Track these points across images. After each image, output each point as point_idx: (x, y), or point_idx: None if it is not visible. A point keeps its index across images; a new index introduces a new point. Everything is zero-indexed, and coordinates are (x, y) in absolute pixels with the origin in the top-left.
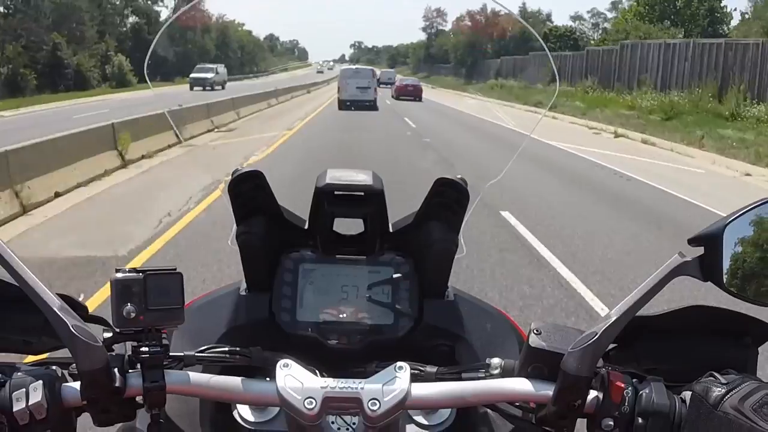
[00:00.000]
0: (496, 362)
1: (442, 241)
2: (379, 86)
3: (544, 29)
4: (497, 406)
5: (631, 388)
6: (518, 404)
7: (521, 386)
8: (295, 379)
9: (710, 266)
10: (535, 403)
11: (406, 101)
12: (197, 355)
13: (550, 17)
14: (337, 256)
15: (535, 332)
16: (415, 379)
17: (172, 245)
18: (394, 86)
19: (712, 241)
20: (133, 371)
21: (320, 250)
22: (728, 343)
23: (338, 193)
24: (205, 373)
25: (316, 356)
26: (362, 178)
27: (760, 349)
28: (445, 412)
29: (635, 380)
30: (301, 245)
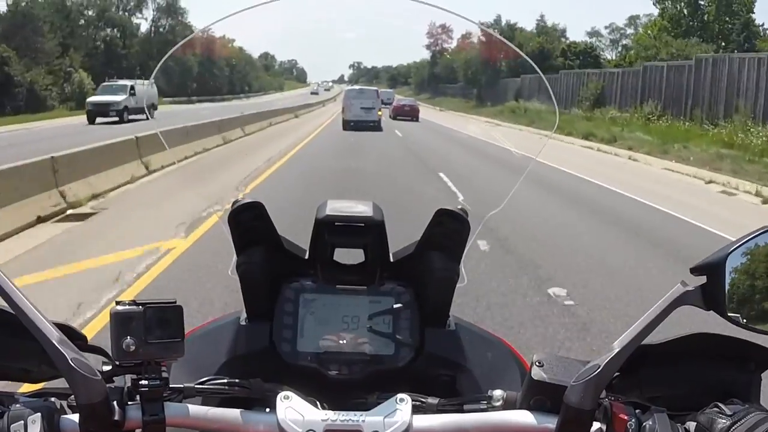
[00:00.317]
0: (498, 394)
1: (443, 270)
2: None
3: (561, 45)
4: None
5: (634, 419)
6: None
7: (523, 419)
8: (295, 411)
9: (713, 295)
10: None
11: (403, 121)
12: (197, 387)
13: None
14: (337, 286)
15: (537, 364)
16: (416, 410)
17: None
18: (391, 106)
19: (714, 270)
20: (132, 404)
21: (321, 279)
22: (732, 369)
23: (338, 224)
24: (205, 404)
25: (316, 386)
26: (362, 209)
27: (763, 375)
28: None
29: (638, 411)
30: (301, 275)
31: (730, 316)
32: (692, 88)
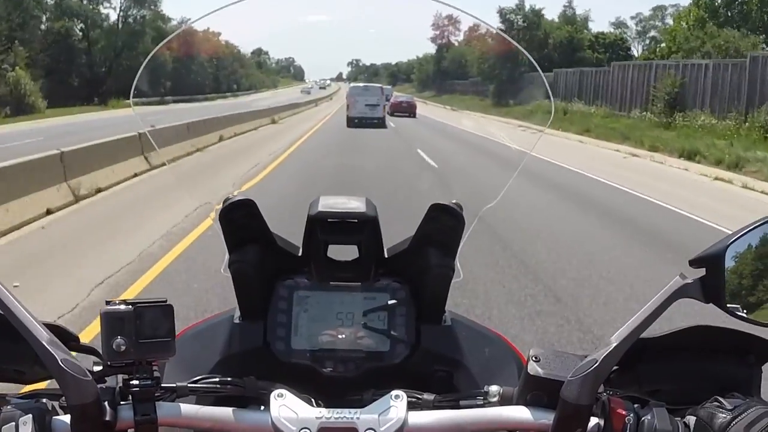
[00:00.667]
0: (494, 390)
1: (438, 266)
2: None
3: (589, 36)
4: None
5: (632, 414)
6: None
7: (520, 414)
8: (289, 409)
9: (712, 288)
10: (534, 431)
11: (401, 117)
12: (190, 386)
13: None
14: (331, 282)
15: (534, 359)
16: (412, 407)
17: None
18: (389, 103)
19: (713, 262)
20: (124, 404)
21: (314, 277)
22: (732, 362)
23: (331, 220)
24: (198, 403)
25: (311, 384)
26: (355, 205)
27: (763, 367)
28: None
29: (637, 405)
30: (295, 272)
31: (729, 308)
32: None
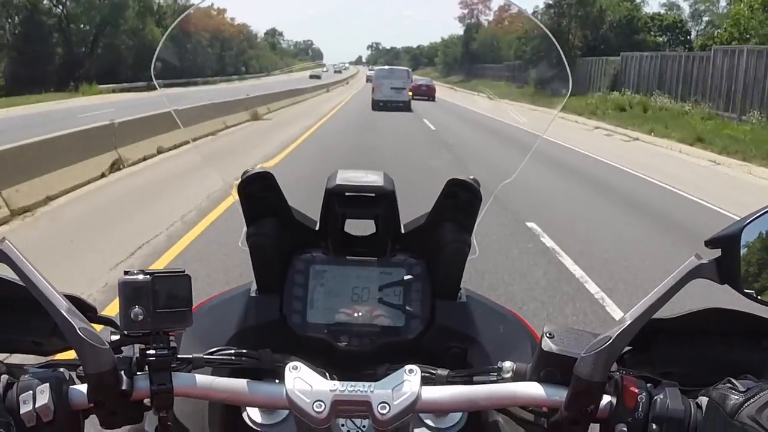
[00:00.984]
0: (508, 366)
1: (455, 242)
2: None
3: (644, 17)
4: (509, 410)
5: (645, 393)
6: (530, 409)
7: (533, 390)
8: (304, 381)
9: (727, 269)
10: (547, 407)
11: (419, 100)
12: (206, 357)
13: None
14: (348, 257)
15: (547, 336)
16: (425, 382)
17: None
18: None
19: (729, 242)
20: (140, 374)
21: (331, 251)
22: (745, 346)
23: (349, 194)
24: (214, 375)
25: (326, 358)
26: (373, 178)
27: None
28: (456, 415)
29: (650, 385)
30: (312, 246)
31: (744, 290)
32: None
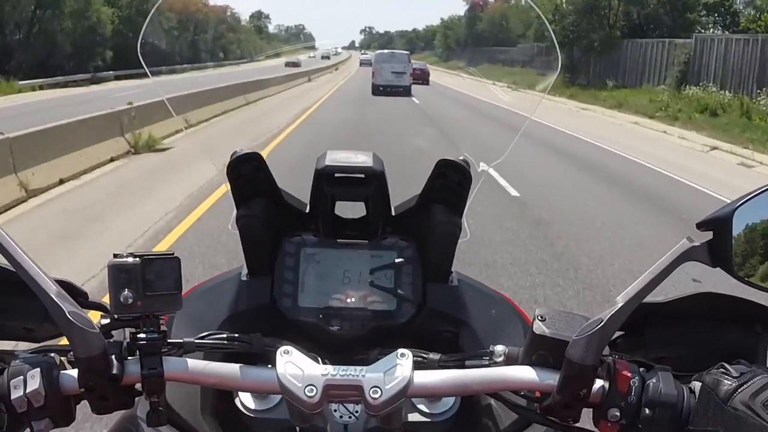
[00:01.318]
0: (499, 349)
1: (445, 224)
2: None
3: None
4: (501, 394)
5: (638, 377)
6: (522, 393)
7: (525, 374)
8: (295, 366)
9: (719, 251)
10: (539, 392)
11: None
12: (196, 341)
13: None
14: (338, 240)
15: (539, 319)
16: (417, 366)
17: None
18: None
19: (721, 225)
20: (131, 358)
21: (322, 234)
22: (738, 330)
23: (338, 175)
24: (205, 360)
25: (317, 342)
26: (362, 159)
27: None
28: (449, 400)
29: (642, 369)
30: (302, 229)
31: (736, 273)
32: None
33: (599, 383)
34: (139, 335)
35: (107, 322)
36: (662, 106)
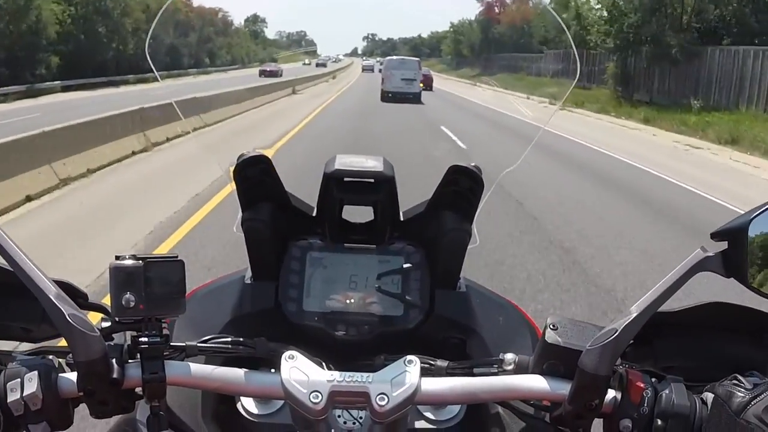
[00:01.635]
0: (509, 358)
1: (455, 230)
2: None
3: None
4: (509, 403)
5: (650, 388)
6: (532, 402)
7: (536, 384)
8: (300, 371)
9: (734, 262)
10: (549, 401)
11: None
12: (199, 345)
13: None
14: (345, 244)
15: (551, 327)
16: (425, 373)
17: None
18: None
19: (736, 236)
20: (132, 362)
21: (328, 238)
22: (750, 342)
23: (347, 179)
24: (207, 363)
25: (322, 347)
26: (372, 164)
27: None
28: (454, 407)
29: (654, 380)
30: (308, 233)
31: (751, 284)
32: None
33: (611, 393)
34: (140, 339)
35: (108, 325)
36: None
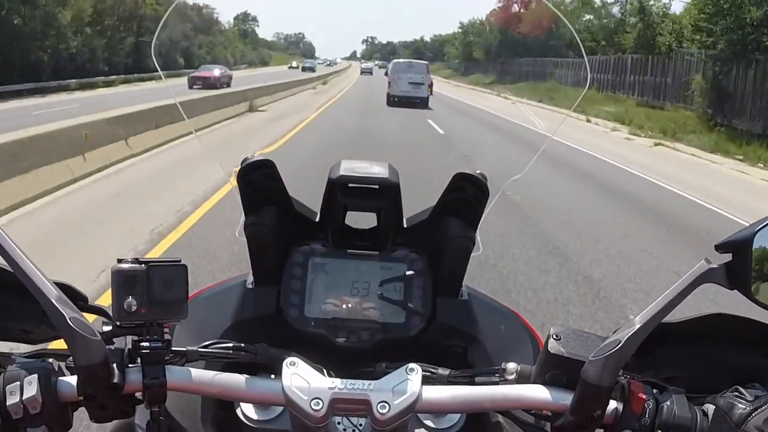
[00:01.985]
0: (511, 367)
1: (459, 238)
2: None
3: None
4: (511, 412)
5: (652, 399)
6: (533, 412)
7: (538, 393)
8: (301, 378)
9: (737, 274)
10: (551, 411)
11: None
12: (200, 350)
13: None
14: (348, 250)
15: (554, 338)
16: (426, 381)
17: None
18: None
19: (740, 248)
20: (132, 366)
21: (331, 243)
22: (751, 353)
23: (352, 185)
24: (207, 368)
25: (323, 353)
26: (377, 170)
27: None
28: (454, 415)
29: (655, 391)
30: (311, 238)
31: (754, 296)
32: None
33: (613, 404)
34: (142, 343)
35: (109, 329)
36: None
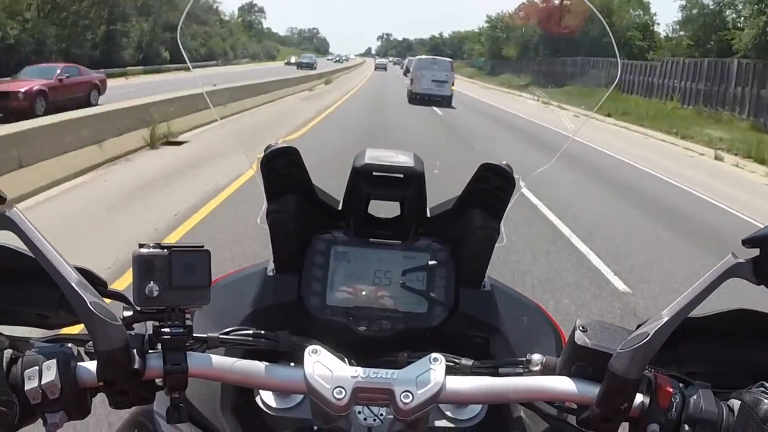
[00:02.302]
0: (537, 358)
1: (484, 228)
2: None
3: None
4: (534, 404)
5: (678, 393)
6: (556, 404)
7: (564, 385)
8: (324, 366)
9: (764, 269)
10: (576, 403)
11: None
12: (222, 337)
13: None
14: (370, 239)
15: (581, 329)
16: (449, 371)
17: None
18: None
19: None
20: (153, 352)
21: (353, 232)
22: None
23: (376, 174)
24: (227, 355)
25: (344, 342)
26: (403, 159)
27: None
28: (475, 406)
29: (681, 385)
30: (333, 227)
31: None
32: None
33: (639, 398)
34: (163, 329)
35: (130, 314)
36: None
